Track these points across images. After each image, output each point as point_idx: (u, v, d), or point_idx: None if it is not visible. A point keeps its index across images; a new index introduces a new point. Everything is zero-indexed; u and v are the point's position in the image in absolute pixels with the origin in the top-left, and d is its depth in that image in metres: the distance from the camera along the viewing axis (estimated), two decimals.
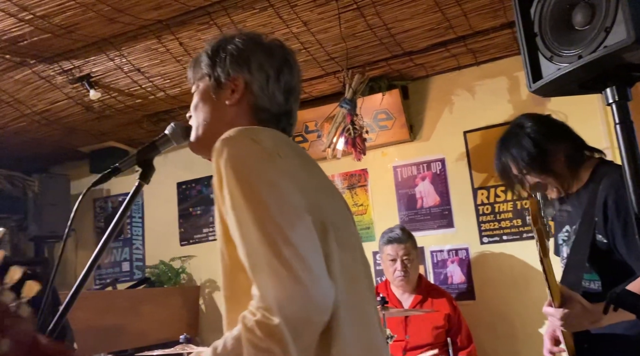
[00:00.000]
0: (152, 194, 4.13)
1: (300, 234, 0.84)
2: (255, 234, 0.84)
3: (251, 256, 0.84)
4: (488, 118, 3.26)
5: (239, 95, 1.11)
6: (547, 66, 1.31)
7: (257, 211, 0.85)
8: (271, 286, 0.80)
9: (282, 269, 0.80)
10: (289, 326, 0.78)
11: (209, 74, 1.14)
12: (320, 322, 0.83)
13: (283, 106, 1.14)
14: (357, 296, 0.95)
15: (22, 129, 3.65)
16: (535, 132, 1.69)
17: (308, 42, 2.88)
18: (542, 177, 1.68)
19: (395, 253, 2.88)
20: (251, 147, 0.91)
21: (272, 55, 1.13)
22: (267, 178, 0.88)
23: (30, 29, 2.52)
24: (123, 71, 3.04)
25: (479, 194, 3.24)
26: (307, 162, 1.02)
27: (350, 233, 1.02)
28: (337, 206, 1.03)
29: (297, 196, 0.89)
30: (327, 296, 0.83)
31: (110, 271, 4.21)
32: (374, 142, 3.44)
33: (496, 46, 3.09)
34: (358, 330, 0.92)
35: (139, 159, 1.23)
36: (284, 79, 1.13)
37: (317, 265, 0.83)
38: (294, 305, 0.79)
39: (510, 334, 3.05)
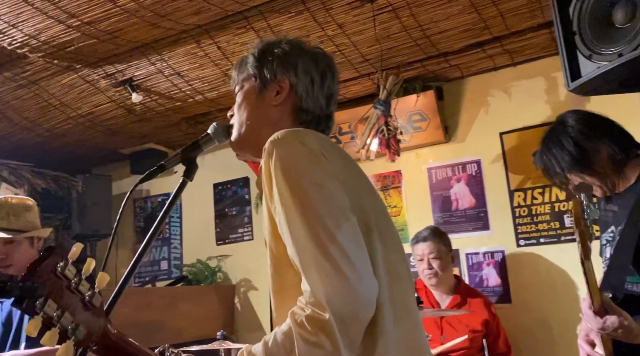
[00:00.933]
0: (190, 195, 4.24)
1: (346, 234, 0.88)
2: (303, 234, 0.88)
3: (300, 254, 0.88)
4: (525, 119, 3.21)
5: (283, 96, 1.15)
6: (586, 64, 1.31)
7: (305, 211, 0.89)
8: (320, 283, 0.85)
9: (329, 266, 0.84)
10: (337, 321, 0.82)
11: (254, 74, 1.18)
12: (365, 317, 0.86)
13: (324, 109, 1.18)
14: (400, 293, 0.97)
15: (68, 132, 3.80)
16: (576, 131, 1.65)
17: (343, 45, 2.91)
18: (584, 176, 1.65)
19: (421, 252, 2.89)
20: (300, 149, 0.95)
21: (316, 61, 1.19)
22: (314, 180, 0.92)
23: (78, 35, 2.63)
24: (164, 75, 3.14)
25: (516, 196, 3.20)
26: (350, 163, 1.05)
27: (392, 232, 1.05)
28: (380, 206, 1.06)
29: (343, 197, 0.93)
30: (371, 293, 0.87)
31: (149, 269, 4.33)
32: (408, 143, 3.44)
33: (533, 46, 3.05)
34: (402, 327, 0.94)
35: (183, 158, 1.28)
36: (327, 84, 1.18)
37: (361, 263, 0.87)
38: (342, 300, 0.83)
39: (549, 339, 3.00)
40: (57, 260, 0.81)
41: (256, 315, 3.83)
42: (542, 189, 3.13)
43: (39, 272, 0.78)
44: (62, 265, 0.81)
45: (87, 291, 0.84)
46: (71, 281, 0.83)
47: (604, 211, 1.78)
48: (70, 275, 0.83)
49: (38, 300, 0.76)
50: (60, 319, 0.79)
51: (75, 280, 0.83)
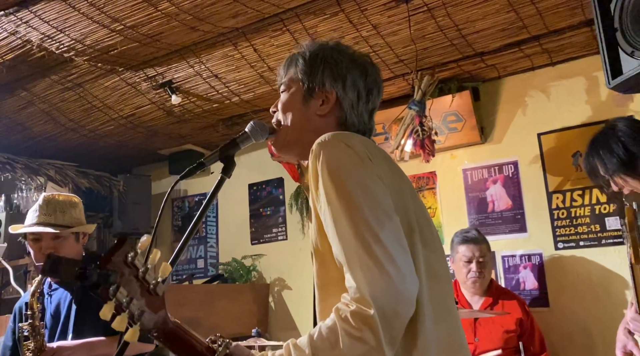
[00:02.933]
0: (226, 195, 4.31)
1: (389, 234, 0.91)
2: (348, 232, 0.91)
3: (345, 252, 0.92)
4: (564, 120, 3.15)
5: (328, 108, 1.18)
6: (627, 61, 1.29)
7: (350, 211, 0.92)
8: (364, 280, 0.87)
9: (373, 265, 0.87)
10: (380, 317, 0.84)
11: (303, 80, 1.20)
12: (407, 315, 0.89)
13: (367, 124, 1.21)
14: (439, 293, 0.99)
15: (110, 133, 3.93)
16: (626, 135, 1.68)
17: (377, 45, 2.92)
18: (628, 180, 1.67)
19: (471, 253, 2.84)
20: (345, 151, 0.98)
21: (365, 75, 1.20)
22: (360, 181, 0.95)
23: (120, 39, 2.73)
24: (202, 77, 3.21)
25: (554, 198, 3.13)
26: (393, 166, 1.07)
27: (432, 233, 1.07)
28: (421, 207, 1.08)
29: (386, 198, 0.95)
30: (412, 291, 0.90)
31: (186, 267, 4.43)
32: (443, 144, 3.42)
33: (573, 45, 2.99)
34: (442, 325, 0.97)
35: (222, 155, 1.32)
36: (372, 101, 1.20)
37: (404, 262, 0.90)
38: (385, 298, 0.86)
39: (589, 345, 2.92)
40: (128, 250, 0.86)
41: (290, 314, 3.86)
42: (582, 191, 3.05)
43: (113, 261, 0.84)
44: (132, 255, 0.87)
45: (152, 280, 0.89)
46: (139, 270, 0.88)
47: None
48: (139, 265, 0.88)
49: (111, 287, 0.82)
50: (129, 305, 0.84)
51: (142, 269, 0.88)
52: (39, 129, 3.81)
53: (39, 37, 2.70)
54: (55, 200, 2.22)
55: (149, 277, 0.89)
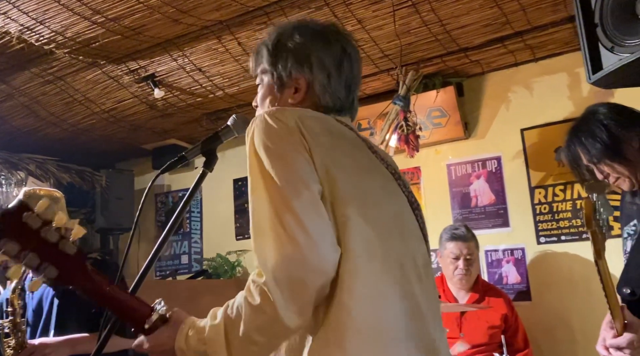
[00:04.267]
0: (210, 190, 4.29)
1: (303, 202, 0.91)
2: (261, 200, 0.93)
3: (255, 219, 0.94)
4: (546, 115, 3.18)
5: (302, 95, 1.15)
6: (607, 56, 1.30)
7: (266, 180, 0.94)
8: (270, 249, 0.88)
9: (282, 232, 0.88)
10: (280, 286, 0.85)
11: (271, 71, 1.18)
12: (315, 285, 0.87)
13: (345, 100, 1.17)
14: (373, 273, 0.93)
15: (92, 127, 3.88)
16: (609, 119, 1.62)
17: (362, 40, 2.91)
18: (615, 165, 1.62)
19: (459, 251, 2.85)
20: (272, 124, 0.99)
21: (330, 49, 1.15)
22: (279, 151, 0.96)
23: (102, 31, 2.69)
24: (185, 71, 3.18)
25: (537, 193, 3.16)
26: (340, 141, 1.05)
27: (388, 212, 1.02)
28: (374, 184, 1.04)
29: (306, 168, 0.95)
30: (325, 261, 0.88)
31: (170, 263, 4.40)
32: (428, 140, 3.43)
33: (556, 41, 3.01)
34: (367, 306, 0.91)
35: (204, 149, 1.31)
36: (344, 74, 1.15)
37: (317, 231, 0.89)
38: (288, 266, 0.86)
39: (570, 339, 2.96)
40: (23, 211, 0.92)
41: None
42: (563, 186, 3.09)
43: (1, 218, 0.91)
44: (26, 215, 0.92)
45: (55, 239, 0.94)
46: (36, 230, 0.93)
47: (629, 204, 1.76)
48: (34, 224, 0.93)
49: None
50: (25, 258, 0.92)
51: (39, 226, 0.93)
52: (18, 123, 3.74)
53: (18, 29, 2.64)
54: (36, 195, 2.19)
55: (51, 236, 0.94)
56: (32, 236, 0.92)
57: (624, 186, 1.67)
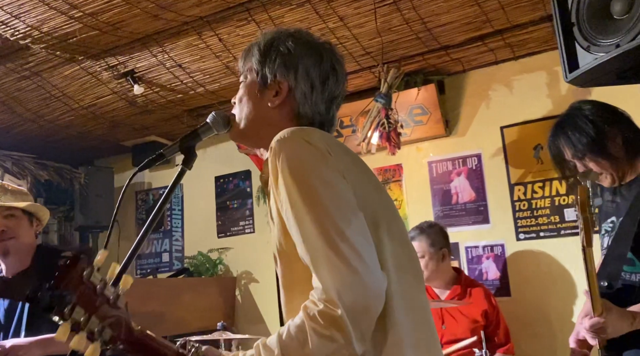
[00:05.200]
0: (192, 188, 4.26)
1: (354, 230, 0.90)
2: (313, 231, 0.90)
3: (310, 251, 0.90)
4: (526, 113, 3.22)
5: (281, 99, 1.14)
6: (584, 55, 1.31)
7: (314, 208, 0.91)
8: (330, 279, 0.87)
9: (340, 262, 0.86)
10: (349, 315, 0.84)
11: (257, 70, 1.17)
12: (376, 310, 0.88)
13: (324, 115, 1.16)
14: (408, 285, 0.99)
15: (71, 123, 3.82)
16: (594, 114, 1.66)
17: (344, 37, 2.91)
18: (599, 161, 1.66)
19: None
20: (306, 147, 0.96)
21: (320, 62, 1.15)
22: (322, 177, 0.93)
23: (80, 26, 2.64)
24: (165, 67, 3.14)
25: (516, 190, 3.20)
26: (356, 160, 1.06)
27: (399, 226, 1.06)
28: (386, 200, 1.07)
29: (350, 194, 0.94)
30: (381, 286, 0.89)
31: (150, 261, 4.36)
32: (409, 137, 3.45)
33: (535, 40, 3.05)
34: (412, 318, 0.97)
35: (182, 146, 1.29)
36: (328, 89, 1.15)
37: (370, 257, 0.89)
38: (353, 294, 0.86)
39: (548, 333, 3.01)
40: (84, 267, 0.86)
41: (257, 307, 3.85)
42: (542, 183, 3.13)
43: (67, 280, 0.83)
44: (88, 272, 0.86)
45: (111, 294, 0.89)
46: (97, 286, 0.87)
47: (607, 201, 1.79)
48: (96, 281, 0.87)
49: (66, 307, 0.82)
50: (87, 323, 0.85)
51: (100, 285, 0.87)
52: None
53: None
54: (4, 187, 2.16)
55: (108, 292, 0.89)
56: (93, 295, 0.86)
57: (606, 182, 1.71)
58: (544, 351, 3.00)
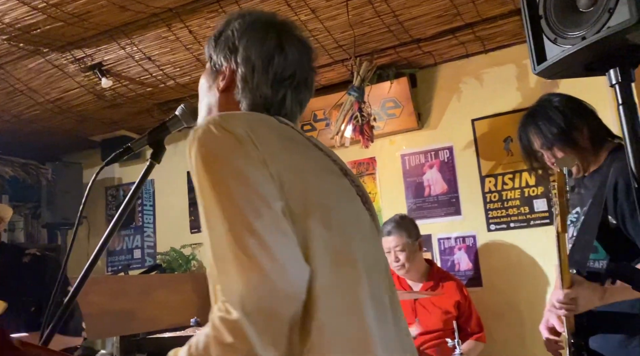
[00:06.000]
0: (163, 183, 4.19)
1: (266, 223, 0.82)
2: (220, 225, 0.82)
3: (215, 247, 0.83)
4: (496, 106, 3.26)
5: (226, 84, 1.09)
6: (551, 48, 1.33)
7: (223, 201, 0.83)
8: (234, 278, 0.79)
9: (246, 259, 0.79)
10: (251, 319, 0.77)
11: (210, 56, 1.14)
12: (287, 312, 0.80)
13: (269, 98, 1.06)
14: (347, 281, 0.89)
15: (36, 118, 3.71)
16: (564, 106, 1.72)
17: (316, 30, 2.89)
18: (566, 151, 1.70)
19: (388, 245, 2.86)
20: (218, 135, 0.88)
21: (263, 41, 1.07)
22: (234, 167, 0.86)
23: (43, 18, 2.56)
24: (134, 59, 3.08)
25: (487, 182, 3.25)
26: (291, 144, 0.97)
27: (348, 213, 0.98)
28: (332, 186, 0.98)
29: (266, 183, 0.86)
30: (295, 285, 0.81)
31: (122, 258, 4.28)
32: (382, 130, 3.46)
33: (504, 33, 3.09)
34: (344, 318, 0.86)
35: (150, 140, 1.27)
36: (273, 70, 1.06)
37: (284, 253, 0.81)
38: (257, 296, 0.78)
39: (519, 322, 3.07)
40: None
41: None
42: (512, 174, 3.19)
43: None
44: None
45: None
46: None
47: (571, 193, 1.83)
48: None
49: None
50: None
51: None
52: None
53: None
54: None
55: None
56: None
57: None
58: (514, 339, 3.06)
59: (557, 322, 1.69)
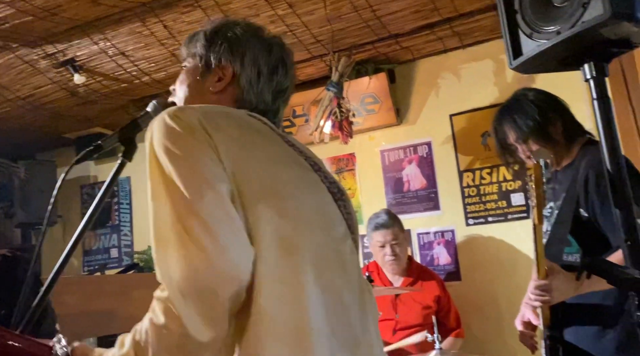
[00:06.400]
0: (140, 181, 4.12)
1: (208, 204, 0.82)
2: (162, 207, 0.84)
3: (156, 228, 0.84)
4: (474, 101, 3.28)
5: (224, 85, 1.10)
6: (527, 42, 1.33)
7: (167, 184, 0.85)
8: (173, 259, 0.79)
9: (187, 239, 0.79)
10: (187, 299, 0.77)
11: (201, 55, 1.13)
12: (227, 293, 0.80)
13: (269, 105, 1.11)
14: (292, 269, 0.87)
15: (7, 115, 3.61)
16: (539, 100, 1.74)
17: (294, 25, 2.87)
18: (541, 144, 1.72)
19: (383, 239, 2.89)
20: (172, 124, 0.89)
21: (269, 52, 1.12)
22: (180, 152, 0.87)
23: (12, 12, 2.48)
24: (107, 55, 3.01)
25: (465, 177, 3.27)
26: (254, 134, 0.98)
27: (307, 203, 0.96)
28: (294, 177, 0.98)
29: (212, 166, 0.87)
30: (236, 266, 0.81)
31: (98, 257, 4.20)
32: (362, 126, 3.45)
33: (481, 29, 3.10)
34: (285, 306, 0.84)
35: (121, 137, 1.24)
36: (276, 79, 1.11)
37: (225, 234, 0.81)
38: (195, 276, 0.78)
39: (497, 316, 3.09)
40: None
41: None
42: (490, 169, 3.21)
43: None
44: None
45: None
46: None
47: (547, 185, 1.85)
48: None
49: None
50: None
51: None
52: None
53: None
54: None
55: None
56: None
57: None
58: (493, 333, 3.09)
59: (533, 315, 1.70)
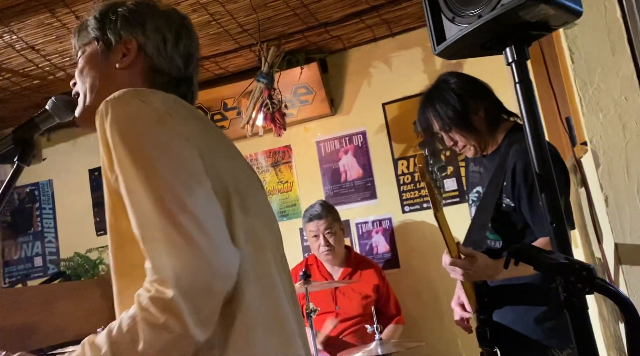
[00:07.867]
0: (63, 183, 3.87)
1: (199, 200, 0.79)
2: (148, 202, 0.77)
3: (144, 226, 0.78)
4: (405, 89, 3.29)
5: (131, 58, 1.02)
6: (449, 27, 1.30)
7: (149, 176, 0.78)
8: (167, 257, 0.75)
9: (179, 237, 0.75)
10: (186, 298, 0.73)
11: (96, 37, 1.05)
12: (222, 291, 0.78)
13: (183, 71, 1.06)
14: (263, 265, 0.90)
15: None
16: (459, 88, 1.70)
17: (218, 13, 2.75)
18: (464, 133, 1.71)
19: (316, 229, 2.87)
20: (140, 107, 0.83)
21: (168, 18, 1.07)
22: (159, 141, 0.81)
23: None
24: (15, 49, 2.78)
25: (400, 165, 3.29)
26: (206, 126, 0.95)
27: (258, 200, 0.98)
28: (242, 171, 0.98)
29: (195, 160, 0.83)
30: (229, 264, 0.79)
31: (20, 267, 3.92)
32: (296, 117, 3.39)
33: (409, 16, 3.10)
34: (264, 299, 0.87)
35: (16, 139, 1.12)
36: (182, 44, 1.06)
37: (218, 232, 0.79)
38: (193, 274, 0.74)
39: (435, 300, 3.14)
40: None
41: None
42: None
43: None
44: None
45: None
46: None
47: (472, 172, 1.86)
48: None
49: None
50: None
51: None
52: None
53: None
54: None
55: None
56: None
57: (469, 153, 1.77)
58: (431, 316, 3.14)
59: (466, 299, 1.72)
